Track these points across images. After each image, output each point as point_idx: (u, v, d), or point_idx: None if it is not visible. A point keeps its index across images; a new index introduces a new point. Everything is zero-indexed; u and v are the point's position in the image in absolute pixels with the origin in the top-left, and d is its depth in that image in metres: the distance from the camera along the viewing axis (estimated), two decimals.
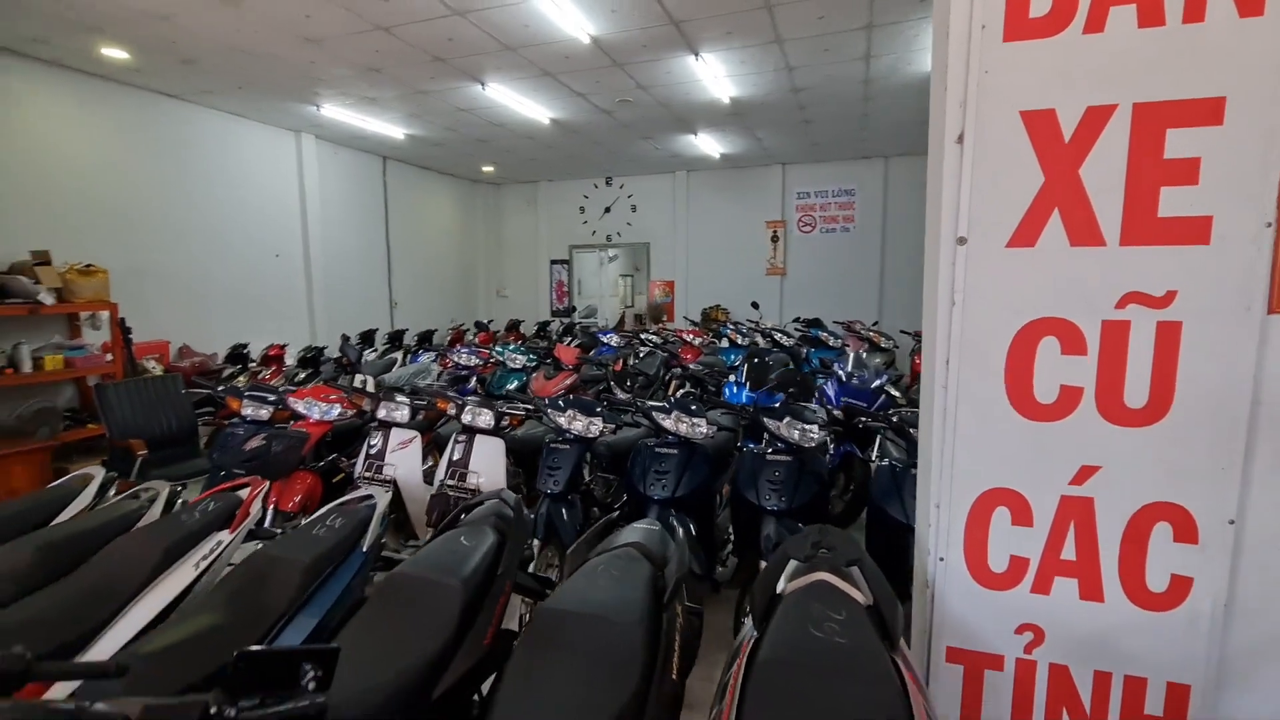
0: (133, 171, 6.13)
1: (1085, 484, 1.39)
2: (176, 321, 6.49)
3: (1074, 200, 1.33)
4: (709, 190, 10.88)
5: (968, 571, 1.49)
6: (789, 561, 1.55)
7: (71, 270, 5.22)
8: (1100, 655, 1.43)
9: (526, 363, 5.65)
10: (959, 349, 1.44)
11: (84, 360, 5.27)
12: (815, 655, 1.20)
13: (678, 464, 2.89)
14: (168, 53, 5.17)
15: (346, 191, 8.78)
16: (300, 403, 3.53)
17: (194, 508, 2.10)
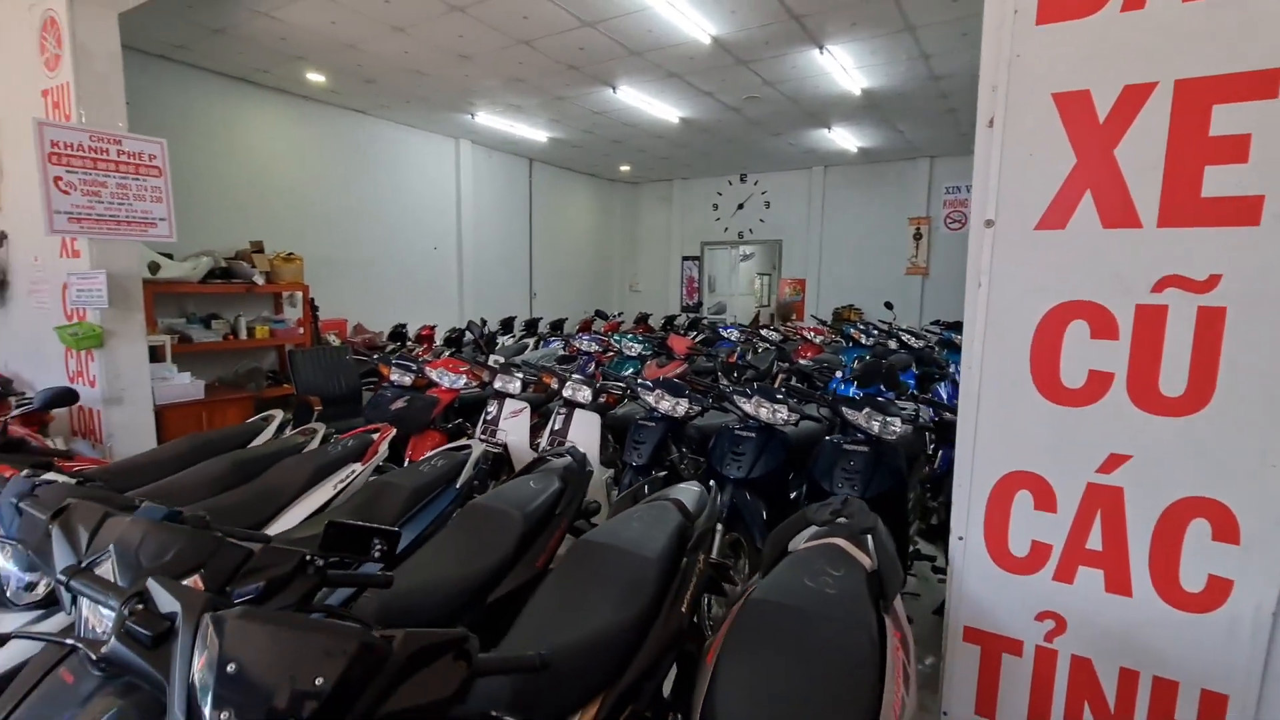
0: (325, 175, 7.28)
1: (1114, 473, 1.36)
2: (353, 303, 7.60)
3: (1108, 181, 1.30)
4: (846, 186, 10.54)
5: (987, 553, 1.50)
6: (808, 526, 1.66)
7: (277, 258, 6.35)
8: (1127, 652, 1.38)
9: (642, 351, 5.95)
10: (986, 331, 1.46)
11: (283, 331, 6.38)
12: (802, 599, 1.32)
13: (754, 447, 3.00)
14: (354, 75, 6.11)
15: (496, 191, 9.67)
16: (434, 371, 4.08)
17: (339, 443, 2.61)
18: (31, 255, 4.31)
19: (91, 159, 3.73)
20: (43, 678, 1.10)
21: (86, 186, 3.71)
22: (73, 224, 3.67)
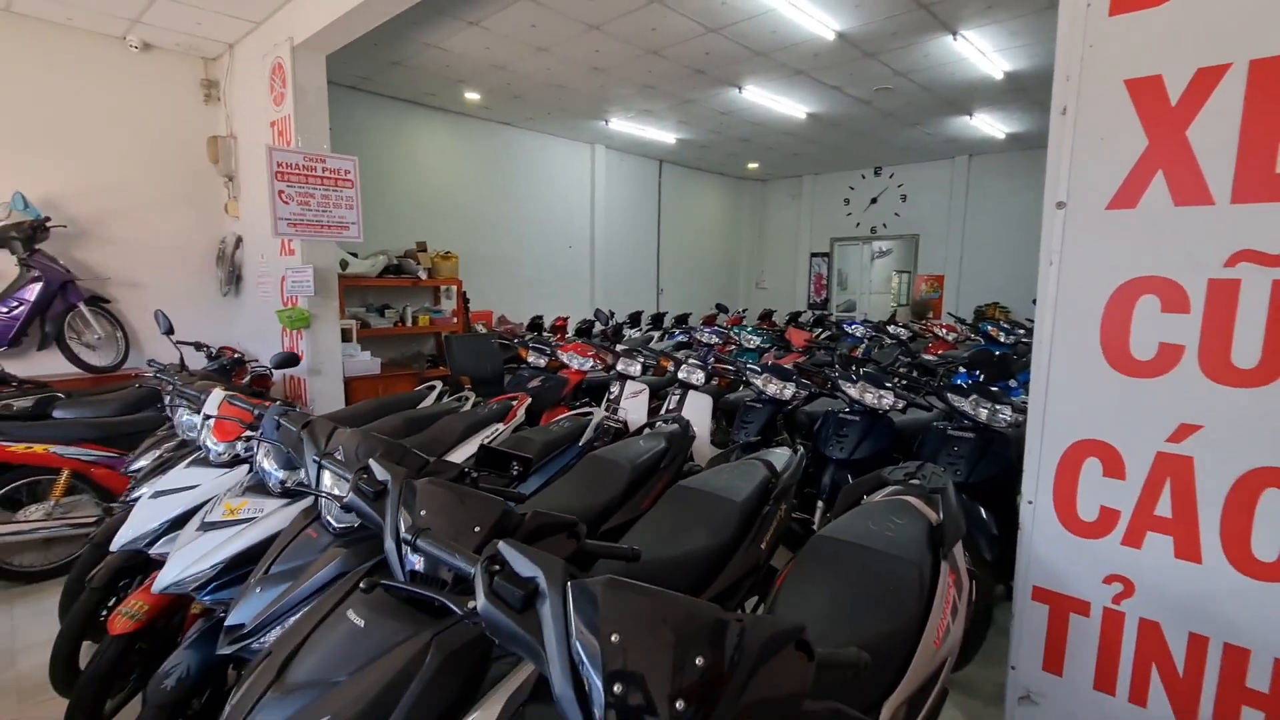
0: (477, 182, 8.16)
1: (1184, 442, 1.40)
2: (497, 296, 8.43)
3: (1179, 161, 1.36)
4: (993, 176, 9.89)
5: (1056, 517, 1.59)
6: (884, 485, 1.82)
7: (438, 256, 7.25)
8: (1196, 618, 1.42)
9: (761, 343, 6.11)
10: (1056, 306, 1.55)
11: (441, 320, 7.28)
12: (863, 538, 1.51)
13: (858, 430, 3.11)
14: (504, 92, 6.83)
15: (627, 192, 10.20)
16: (565, 355, 4.56)
17: (486, 407, 3.10)
18: (259, 254, 5.35)
19: (303, 175, 4.59)
20: (296, 535, 1.58)
21: (300, 198, 4.58)
22: (290, 228, 4.55)
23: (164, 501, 2.10)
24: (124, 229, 5.27)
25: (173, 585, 1.72)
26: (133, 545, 2.05)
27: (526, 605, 0.82)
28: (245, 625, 1.43)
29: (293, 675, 1.09)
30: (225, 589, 1.73)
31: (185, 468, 2.20)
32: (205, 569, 1.70)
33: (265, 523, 1.78)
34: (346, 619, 1.15)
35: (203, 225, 5.73)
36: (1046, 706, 1.65)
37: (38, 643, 2.82)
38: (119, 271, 5.25)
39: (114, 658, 1.93)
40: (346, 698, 1.03)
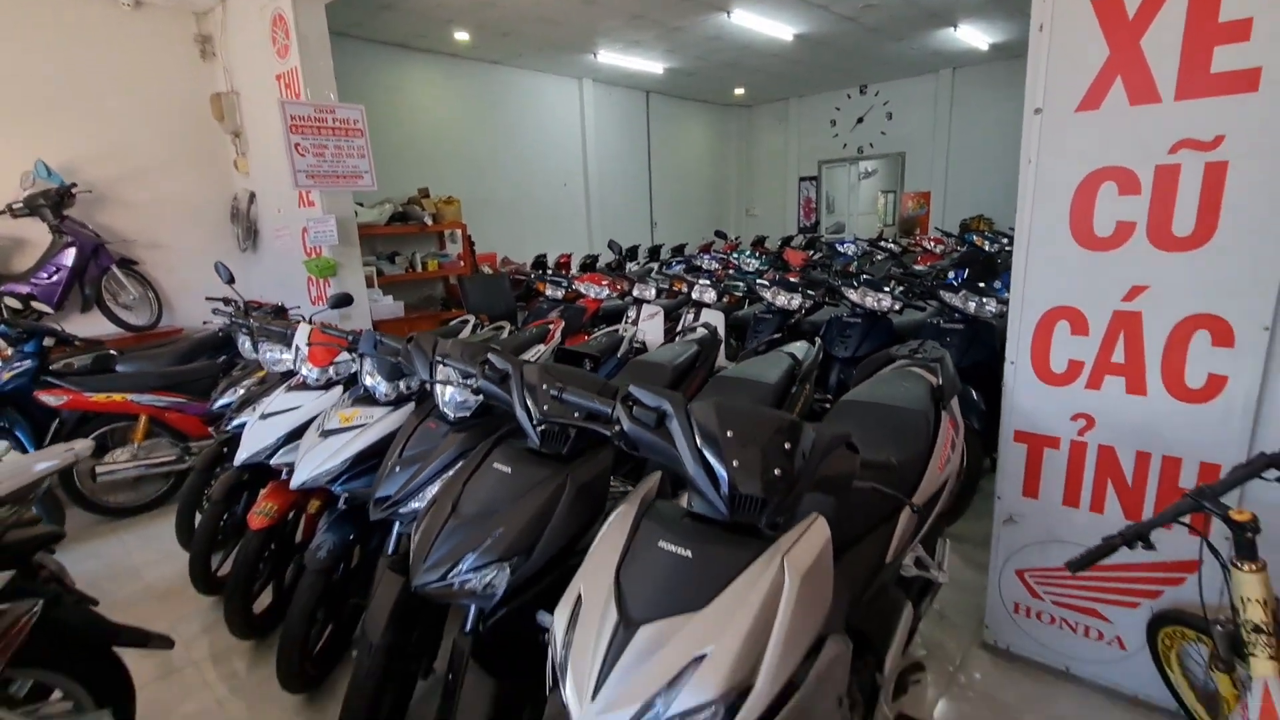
0: (471, 125, 8.20)
1: (1135, 300, 1.75)
2: (499, 238, 8.60)
3: (1135, 67, 1.65)
4: (978, 88, 9.95)
5: (1033, 372, 1.95)
6: (893, 361, 2.18)
7: (440, 201, 7.39)
8: (1142, 439, 1.81)
9: (759, 266, 6.41)
10: (1034, 198, 1.86)
11: (448, 264, 7.48)
12: (879, 398, 1.87)
13: (860, 331, 3.47)
14: (493, 30, 6.81)
15: (616, 126, 10.20)
16: (582, 285, 4.85)
17: (527, 331, 3.42)
18: (275, 208, 5.52)
19: (316, 127, 4.72)
20: (416, 429, 1.92)
21: (315, 149, 4.73)
22: (309, 180, 4.73)
23: (273, 421, 2.43)
24: (139, 192, 5.40)
25: (309, 480, 2.08)
26: (254, 459, 2.40)
27: (659, 425, 1.17)
28: (392, 496, 1.79)
29: (463, 510, 1.45)
30: (354, 480, 2.09)
31: (285, 393, 2.52)
32: (336, 464, 2.05)
33: (378, 425, 2.12)
34: (495, 469, 1.51)
35: (214, 183, 5.85)
36: (1025, 524, 2.07)
37: (153, 560, 3.22)
38: (139, 234, 5.41)
39: (256, 549, 2.31)
40: (510, 520, 1.39)
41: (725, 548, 1.06)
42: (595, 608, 1.05)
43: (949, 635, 2.31)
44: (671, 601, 1.00)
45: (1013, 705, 1.99)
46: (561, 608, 1.10)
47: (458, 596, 1.36)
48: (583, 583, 1.11)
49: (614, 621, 1.01)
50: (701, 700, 0.90)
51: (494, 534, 1.35)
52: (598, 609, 1.04)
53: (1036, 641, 2.13)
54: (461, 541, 1.37)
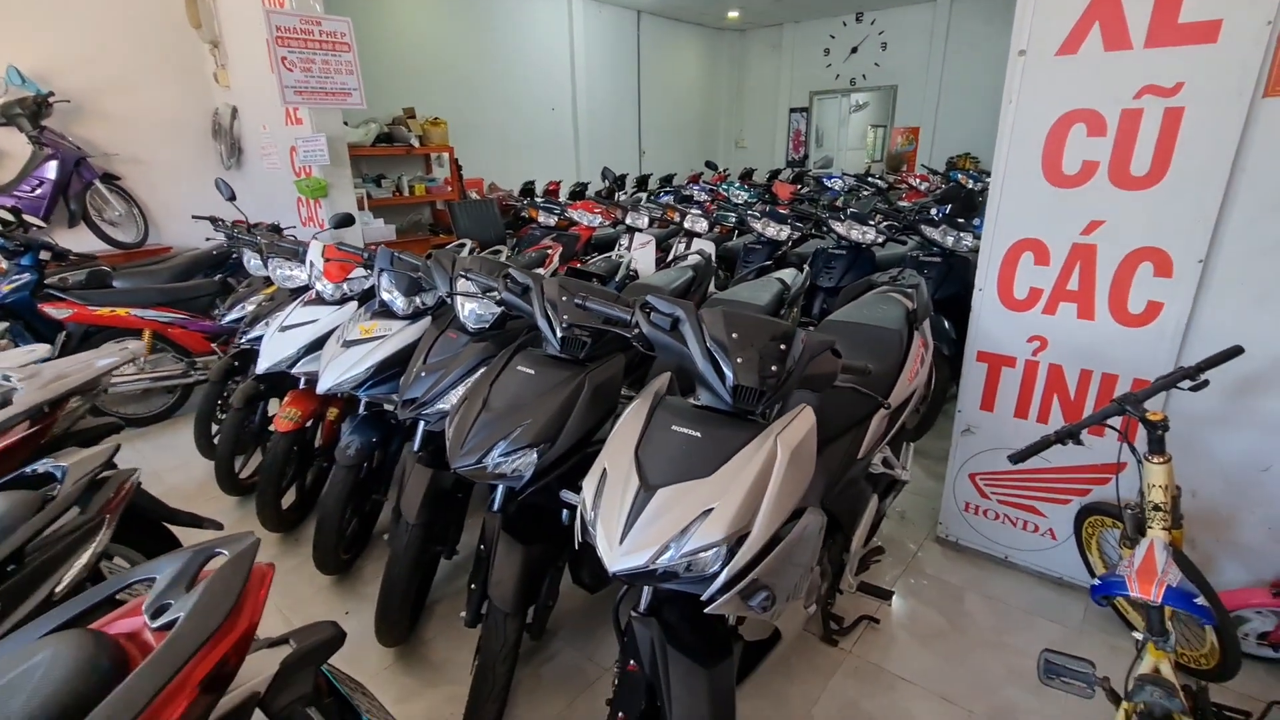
0: (458, 43, 7.92)
1: (1092, 234, 1.95)
2: (486, 163, 8.48)
3: (1112, 14, 1.78)
4: (974, 21, 9.78)
5: (998, 298, 2.16)
6: (874, 287, 2.37)
7: (426, 122, 7.24)
8: (1087, 358, 2.05)
9: (748, 198, 6.48)
10: (1012, 137, 2.02)
11: (435, 189, 7.42)
12: (859, 319, 2.08)
13: (845, 262, 3.65)
14: None
15: (606, 48, 9.89)
16: (575, 212, 4.92)
17: (526, 255, 3.54)
18: (259, 125, 5.41)
19: (302, 40, 4.60)
20: (437, 338, 2.09)
21: (302, 64, 4.63)
22: (298, 96, 4.64)
23: (292, 334, 2.57)
24: (115, 104, 5.24)
25: (334, 386, 2.25)
26: (275, 369, 2.55)
27: (672, 328, 1.36)
28: (419, 398, 1.97)
29: (493, 405, 1.64)
30: (377, 386, 2.27)
31: (302, 307, 2.65)
32: (360, 372, 2.22)
33: (397, 337, 2.28)
34: (519, 371, 1.69)
35: (194, 97, 5.69)
36: (980, 434, 2.33)
37: (172, 466, 3.41)
38: (120, 148, 5.29)
39: (285, 450, 2.50)
40: (536, 413, 1.59)
41: (728, 429, 1.27)
42: (619, 477, 1.26)
43: (908, 532, 2.62)
44: (683, 470, 1.22)
45: (958, 585, 2.31)
46: (589, 480, 1.32)
47: (491, 478, 1.57)
48: (606, 459, 1.32)
49: (635, 486, 1.22)
50: (708, 541, 1.13)
51: (522, 424, 1.55)
52: (621, 477, 1.25)
53: (982, 535, 2.44)
54: (493, 431, 1.57)
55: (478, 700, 1.59)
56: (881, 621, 2.14)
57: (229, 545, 0.91)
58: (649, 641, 1.29)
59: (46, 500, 1.18)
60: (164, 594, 0.86)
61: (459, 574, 2.42)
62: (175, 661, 0.75)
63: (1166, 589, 1.16)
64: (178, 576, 0.88)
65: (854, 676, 1.93)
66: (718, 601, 1.14)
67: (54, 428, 1.57)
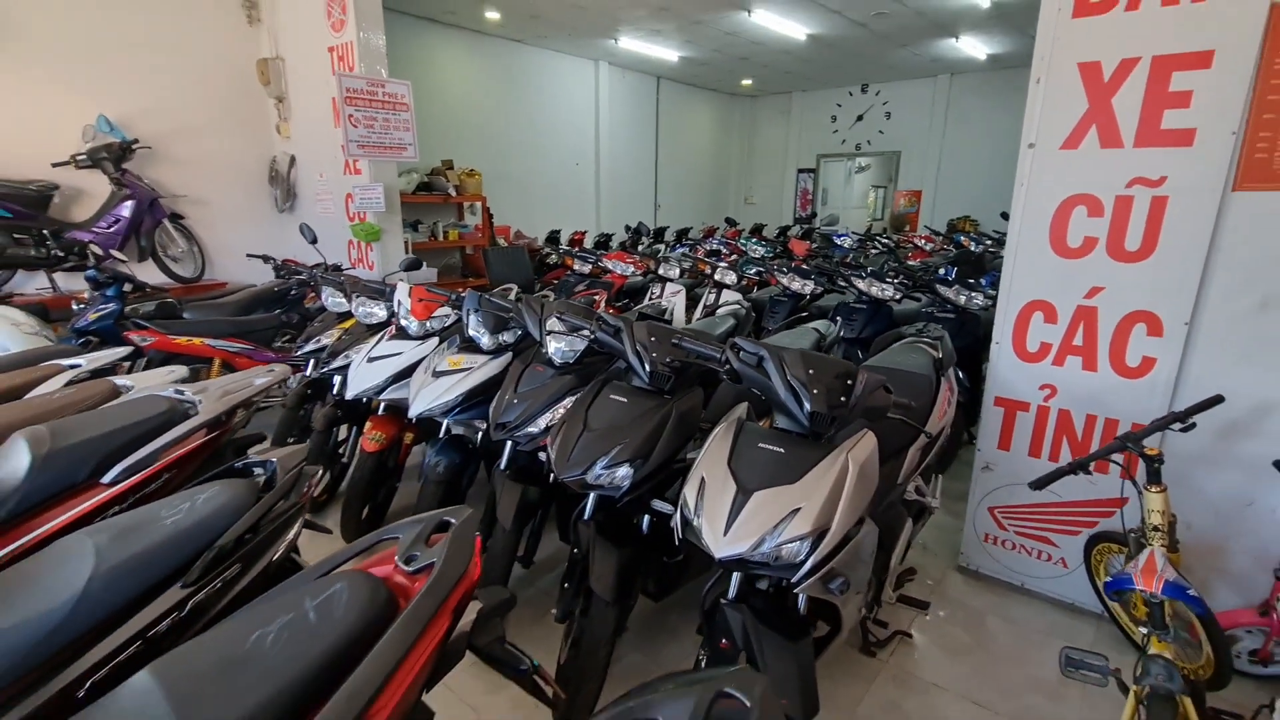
0: (490, 101, 8.50)
1: (1093, 298, 2.28)
2: (514, 211, 8.96)
3: (1106, 118, 2.15)
4: (972, 95, 10.48)
5: (1012, 350, 2.48)
6: (902, 338, 2.70)
7: (463, 173, 7.72)
8: (1091, 404, 2.35)
9: (764, 254, 6.90)
10: (1023, 214, 2.37)
11: (467, 235, 7.85)
12: (891, 365, 2.39)
13: (865, 315, 3.99)
14: (524, 11, 7.12)
15: (628, 109, 10.55)
16: (609, 261, 5.30)
17: (577, 299, 3.87)
18: (317, 173, 5.84)
19: (367, 99, 5.07)
20: (524, 370, 2.39)
21: (366, 120, 5.08)
22: (360, 149, 5.08)
23: (380, 364, 2.87)
24: (185, 150, 5.68)
25: (426, 411, 2.53)
26: (365, 394, 2.84)
27: (757, 365, 1.67)
28: (510, 422, 2.25)
29: (592, 426, 1.93)
30: (465, 412, 2.55)
31: (388, 340, 2.96)
32: (451, 399, 2.51)
33: (483, 369, 2.58)
34: (612, 399, 1.99)
35: (255, 145, 6.14)
36: (998, 470, 2.61)
37: None
38: (186, 190, 5.70)
39: (372, 468, 2.77)
40: (631, 434, 1.88)
41: (805, 447, 1.56)
42: (717, 484, 1.54)
43: (931, 561, 2.87)
44: (773, 478, 1.51)
45: (979, 609, 2.55)
46: (689, 487, 1.60)
47: (593, 488, 1.84)
48: (703, 470, 1.61)
49: (733, 490, 1.51)
50: (797, 534, 1.41)
51: (621, 444, 1.84)
52: (719, 484, 1.54)
53: (1000, 564, 2.69)
54: (594, 449, 1.85)
55: (580, 680, 1.82)
56: (914, 637, 2.38)
57: (453, 515, 1.19)
58: (740, 623, 1.55)
59: (257, 489, 1.45)
60: (409, 548, 1.13)
61: (520, 585, 2.65)
62: (441, 592, 1.03)
63: (1165, 583, 1.43)
64: (418, 536, 1.15)
65: (892, 682, 2.16)
66: (805, 583, 1.41)
67: (225, 436, 1.85)
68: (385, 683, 0.90)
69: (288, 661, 0.90)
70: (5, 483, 1.48)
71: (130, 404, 1.77)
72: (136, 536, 1.24)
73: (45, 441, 1.55)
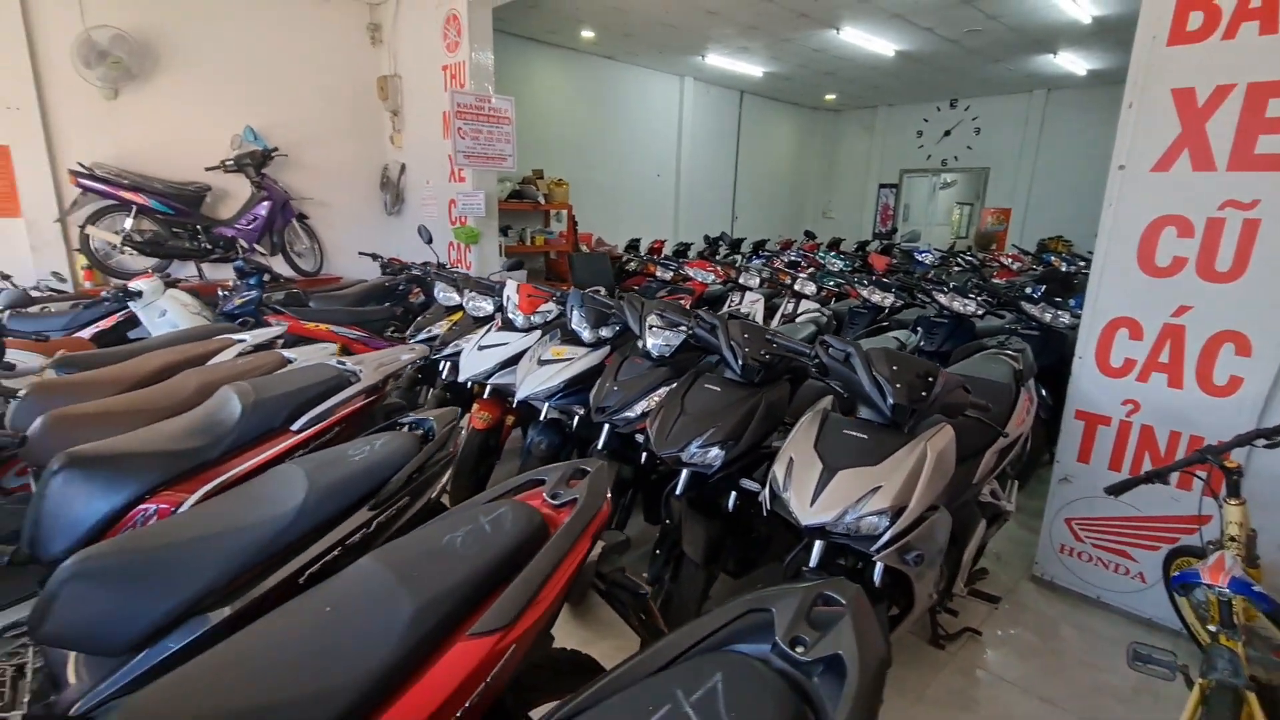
0: (580, 114, 8.95)
1: (1181, 316, 2.32)
2: (595, 219, 9.35)
3: (1199, 143, 2.21)
4: (1069, 111, 10.13)
5: (1095, 365, 2.54)
6: (983, 349, 2.79)
7: (551, 182, 8.17)
8: (1176, 421, 2.39)
9: (843, 267, 6.96)
10: (1111, 235, 2.44)
11: (552, 241, 8.29)
12: (969, 369, 2.50)
13: (946, 330, 4.04)
14: (617, 30, 7.50)
15: (710, 122, 10.79)
16: (691, 269, 5.53)
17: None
18: (424, 180, 6.37)
19: (475, 114, 5.52)
20: (623, 361, 2.65)
21: (473, 133, 5.53)
22: (467, 160, 5.54)
23: (489, 352, 3.20)
24: (312, 156, 6.31)
25: (531, 395, 2.83)
26: (476, 379, 3.17)
27: (845, 360, 1.86)
28: (610, 407, 2.51)
29: (688, 410, 2.16)
30: (565, 398, 2.84)
31: (496, 331, 3.29)
32: (554, 385, 2.80)
33: (584, 360, 2.86)
34: (706, 388, 2.21)
35: (370, 154, 6.75)
36: (1077, 483, 2.66)
37: None
38: (311, 193, 6.35)
39: (479, 444, 3.10)
40: (724, 419, 2.09)
41: (887, 435, 1.74)
42: (805, 462, 1.74)
43: (1004, 570, 2.93)
44: (856, 459, 1.69)
45: (1052, 616, 2.61)
46: (779, 465, 1.80)
47: (687, 465, 2.07)
48: (792, 451, 1.80)
49: (819, 468, 1.70)
50: (878, 508, 1.59)
51: (715, 426, 2.06)
52: (806, 462, 1.73)
53: (1076, 575, 2.73)
54: (690, 431, 2.08)
55: None
56: (983, 635, 2.47)
57: (587, 464, 1.45)
58: None
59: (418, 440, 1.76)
60: (554, 488, 1.39)
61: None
62: (584, 520, 1.28)
63: (1232, 579, 1.52)
64: (560, 479, 1.41)
65: (960, 674, 2.27)
66: (884, 553, 1.59)
67: (379, 401, 2.19)
68: (546, 579, 1.16)
69: (473, 556, 1.17)
70: (224, 424, 1.86)
71: (308, 368, 2.14)
72: (333, 469, 1.56)
73: (250, 395, 1.92)
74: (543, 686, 1.35)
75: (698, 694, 0.81)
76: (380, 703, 0.98)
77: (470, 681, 1.03)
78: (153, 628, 1.26)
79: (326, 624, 1.05)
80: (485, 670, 1.05)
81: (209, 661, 0.99)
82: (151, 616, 1.26)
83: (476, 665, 1.03)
